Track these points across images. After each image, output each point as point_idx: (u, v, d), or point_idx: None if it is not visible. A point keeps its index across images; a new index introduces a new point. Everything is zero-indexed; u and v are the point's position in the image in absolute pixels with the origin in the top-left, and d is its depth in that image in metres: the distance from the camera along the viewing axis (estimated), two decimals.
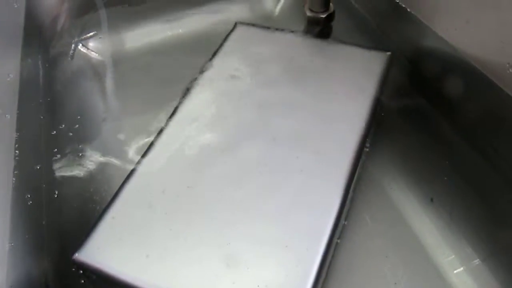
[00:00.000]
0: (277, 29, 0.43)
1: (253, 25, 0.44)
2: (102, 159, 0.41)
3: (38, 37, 0.49)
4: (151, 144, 0.35)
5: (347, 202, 0.34)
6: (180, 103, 0.37)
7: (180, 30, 0.53)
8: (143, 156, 0.34)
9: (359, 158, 0.33)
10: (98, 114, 0.45)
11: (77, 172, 0.39)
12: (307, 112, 0.36)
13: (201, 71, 0.40)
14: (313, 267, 0.28)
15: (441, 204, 0.35)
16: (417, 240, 0.34)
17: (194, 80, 0.39)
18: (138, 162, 0.34)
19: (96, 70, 0.49)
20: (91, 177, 0.39)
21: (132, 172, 0.33)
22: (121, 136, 0.42)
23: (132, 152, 0.40)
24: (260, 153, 0.33)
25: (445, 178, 0.37)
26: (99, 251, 0.29)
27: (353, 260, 0.33)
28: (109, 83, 0.48)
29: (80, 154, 0.41)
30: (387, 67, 0.39)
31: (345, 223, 0.34)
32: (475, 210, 0.35)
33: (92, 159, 0.41)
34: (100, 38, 0.53)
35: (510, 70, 0.31)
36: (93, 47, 0.52)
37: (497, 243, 0.33)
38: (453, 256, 0.33)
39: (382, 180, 0.38)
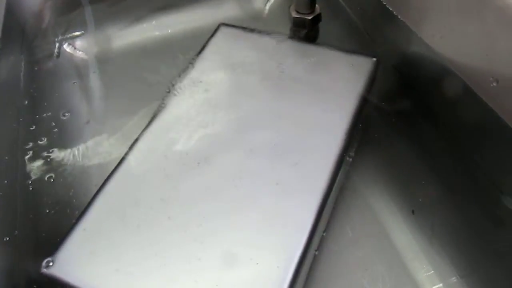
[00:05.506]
0: (261, 32, 0.42)
1: (237, 26, 0.43)
2: (82, 163, 0.40)
3: (21, 36, 0.48)
4: (126, 154, 0.34)
5: (327, 213, 0.34)
6: (157, 111, 0.36)
7: (169, 30, 0.52)
8: (118, 165, 0.33)
9: (339, 170, 0.33)
10: (82, 116, 0.45)
11: (56, 176, 0.39)
12: (287, 121, 0.35)
13: (180, 77, 0.39)
14: (283, 286, 0.27)
15: (423, 217, 0.35)
16: (397, 253, 0.33)
17: (173, 86, 0.38)
18: (113, 171, 0.33)
19: (80, 70, 0.49)
20: (70, 181, 0.39)
21: (106, 181, 0.33)
22: (104, 140, 0.42)
23: (113, 158, 0.39)
24: (236, 165, 0.32)
25: (429, 190, 0.36)
26: (69, 264, 0.29)
27: (332, 272, 0.33)
28: (94, 84, 0.48)
29: (61, 158, 0.40)
30: (372, 74, 0.38)
31: (324, 234, 0.34)
32: (456, 226, 0.34)
33: (73, 162, 0.40)
34: (85, 37, 0.52)
35: (494, 84, 0.30)
36: (78, 46, 0.51)
37: (476, 261, 0.32)
38: (432, 272, 0.32)
39: (365, 190, 0.37)
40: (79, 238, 0.30)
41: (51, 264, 0.29)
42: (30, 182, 0.38)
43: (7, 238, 0.33)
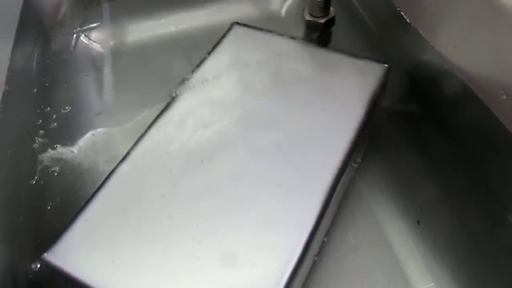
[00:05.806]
0: (274, 33, 0.41)
1: (250, 26, 0.43)
2: (90, 155, 0.41)
3: (37, 27, 0.49)
4: (131, 148, 0.34)
5: (328, 218, 0.34)
6: (164, 108, 0.37)
7: (184, 26, 0.53)
8: (123, 159, 0.34)
9: (342, 174, 0.32)
10: (93, 107, 0.45)
11: (63, 168, 0.39)
12: (292, 124, 0.35)
13: (191, 74, 0.39)
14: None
15: (428, 229, 0.34)
16: (398, 263, 0.33)
17: (182, 83, 0.38)
18: (118, 165, 0.33)
19: (95, 63, 0.49)
20: (78, 172, 0.39)
21: (110, 174, 0.33)
22: (113, 133, 0.42)
23: (121, 151, 0.39)
24: (238, 165, 0.32)
25: (435, 202, 0.35)
26: (68, 254, 0.29)
27: (331, 277, 0.33)
28: (107, 76, 0.48)
29: (69, 148, 0.41)
30: (383, 80, 0.37)
31: (325, 239, 0.34)
32: (460, 241, 0.34)
33: (81, 155, 0.41)
34: (101, 29, 0.52)
35: (504, 97, 0.30)
36: (94, 38, 0.52)
37: (478, 277, 0.32)
38: (432, 284, 0.32)
39: (370, 198, 0.37)
40: (80, 229, 0.30)
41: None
42: (36, 174, 0.39)
43: (8, 233, 0.34)
